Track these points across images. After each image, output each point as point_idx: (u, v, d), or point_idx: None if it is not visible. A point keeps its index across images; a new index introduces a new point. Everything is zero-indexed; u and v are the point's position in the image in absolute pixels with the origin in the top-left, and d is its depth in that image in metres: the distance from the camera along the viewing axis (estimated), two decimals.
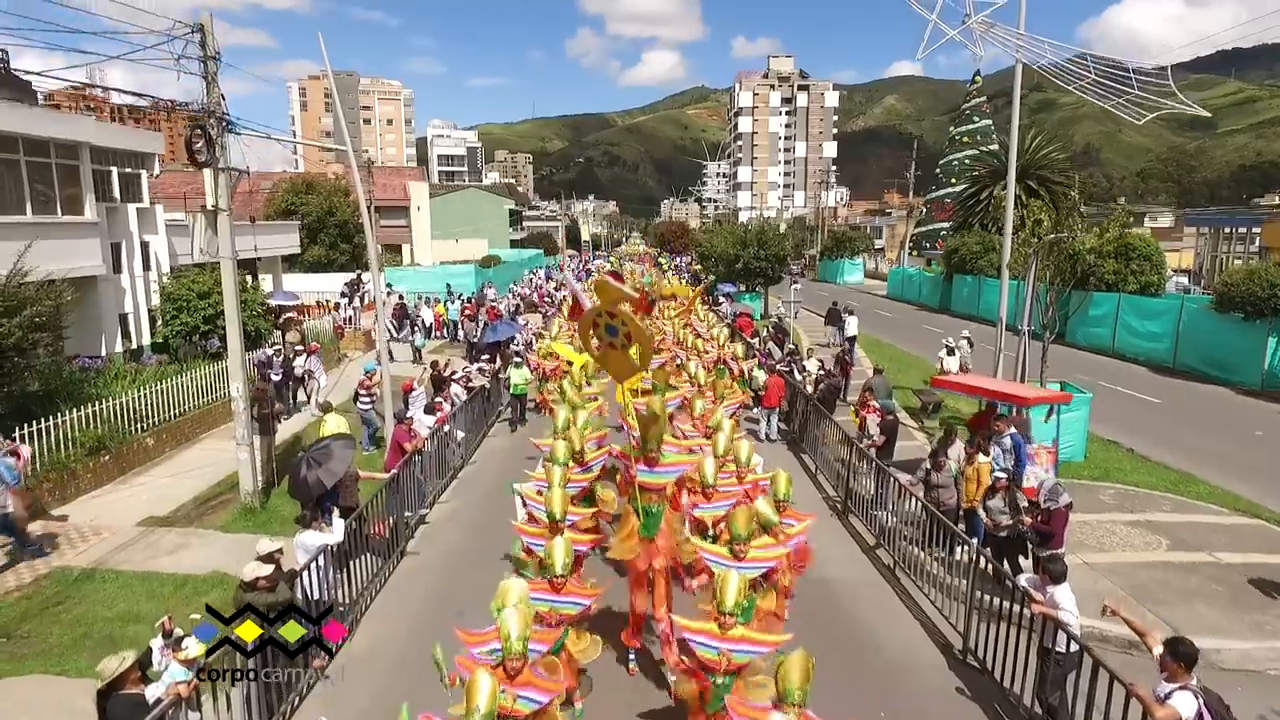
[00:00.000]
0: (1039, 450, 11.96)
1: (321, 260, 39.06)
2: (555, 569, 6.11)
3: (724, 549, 6.41)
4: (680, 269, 59.32)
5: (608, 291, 6.61)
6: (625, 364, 6.82)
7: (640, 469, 7.32)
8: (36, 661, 7.92)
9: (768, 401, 15.15)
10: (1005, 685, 7.28)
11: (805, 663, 4.69)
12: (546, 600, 6.21)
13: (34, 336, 11.38)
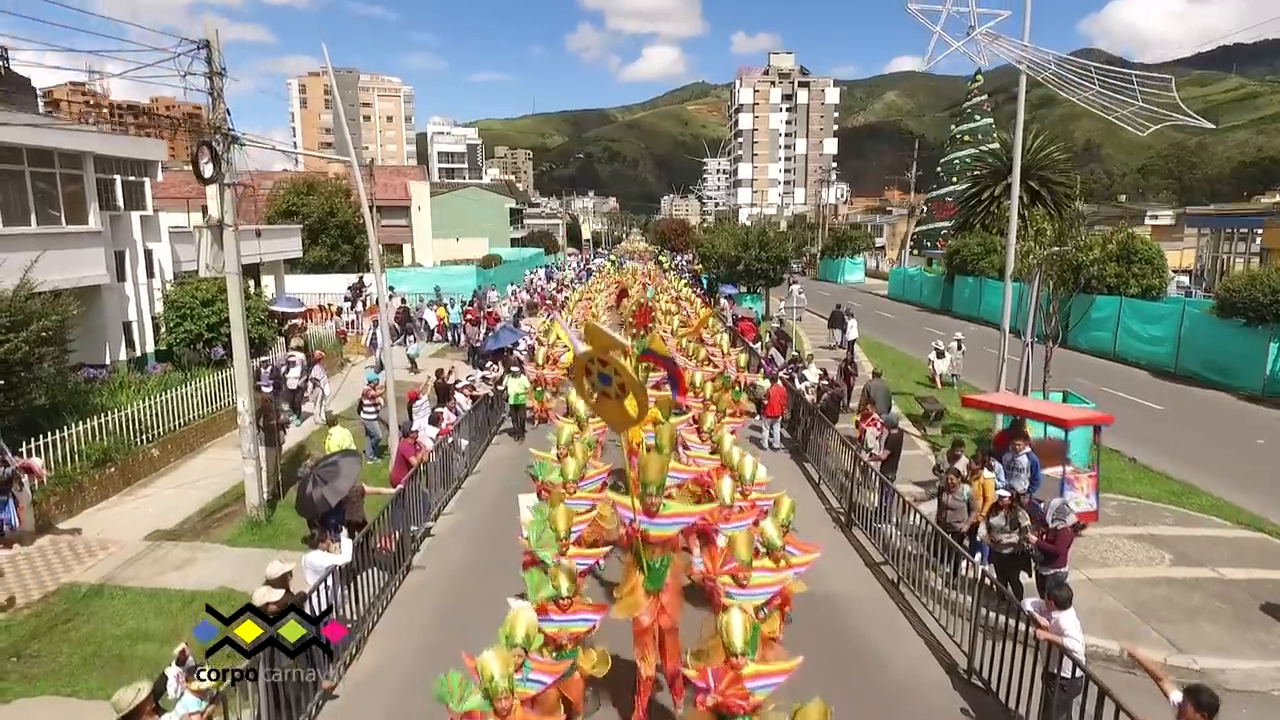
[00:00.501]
0: (1078, 475, 11.33)
1: (323, 261, 39.00)
2: (561, 590, 6.15)
3: (727, 577, 6.42)
4: (680, 268, 59.35)
5: (598, 338, 6.15)
6: (620, 414, 6.36)
7: (641, 520, 6.85)
8: (47, 682, 7.97)
9: (770, 411, 15.20)
10: (1010, 707, 7.33)
11: (824, 714, 4.69)
12: (555, 621, 6.26)
13: (40, 351, 11.41)
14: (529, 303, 32.63)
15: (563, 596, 6.12)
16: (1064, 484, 10.88)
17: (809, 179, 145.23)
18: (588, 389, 6.37)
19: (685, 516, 7.19)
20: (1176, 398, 20.52)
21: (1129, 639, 8.63)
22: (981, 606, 7.89)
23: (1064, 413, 11.75)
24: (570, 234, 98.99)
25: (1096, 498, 11.33)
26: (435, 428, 13.29)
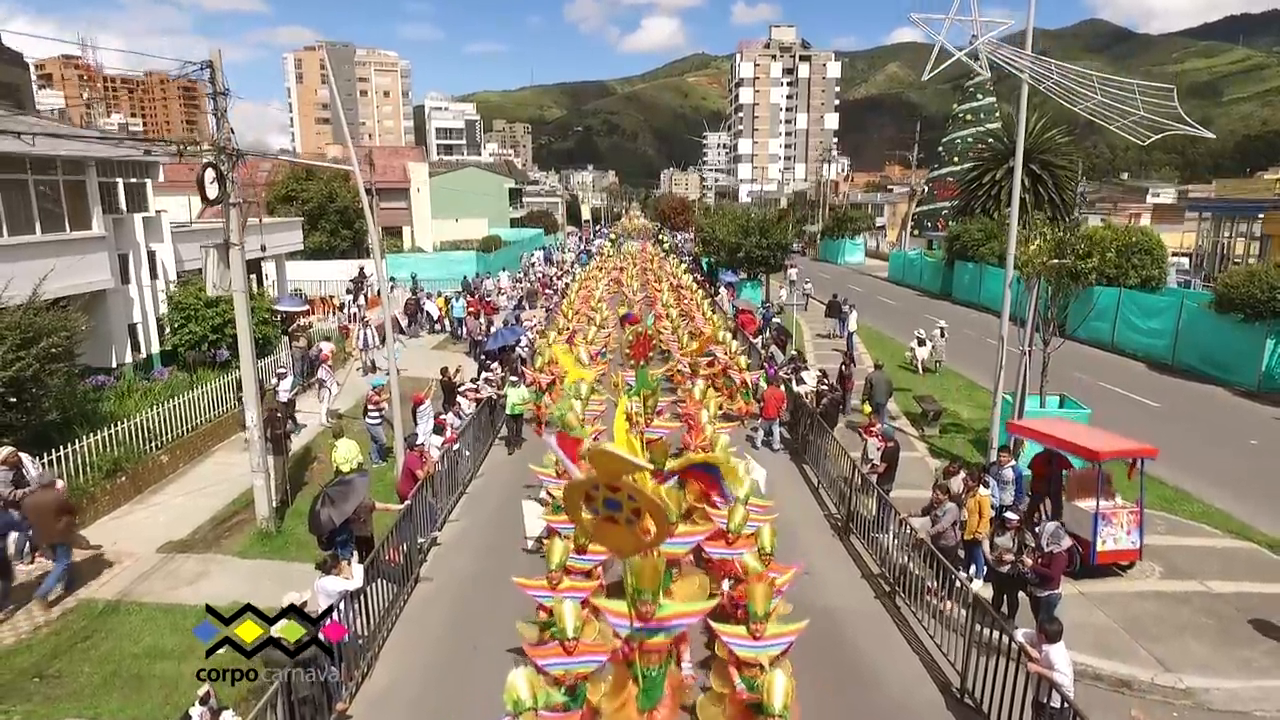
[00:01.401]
0: (1117, 510, 10.27)
1: (323, 247, 38.96)
2: (566, 632, 6.34)
3: (741, 628, 6.55)
4: (680, 249, 59.24)
5: (609, 463, 5.30)
6: (630, 540, 5.56)
7: (636, 626, 6.39)
8: (70, 703, 8.21)
9: (767, 413, 15.39)
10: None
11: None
12: (559, 664, 6.46)
13: (51, 367, 11.55)
14: (528, 291, 32.40)
15: (569, 638, 6.32)
16: (1097, 519, 10.02)
17: (809, 154, 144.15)
18: (586, 518, 5.55)
19: (685, 617, 6.68)
20: (1173, 394, 20.70)
21: (1119, 657, 8.93)
22: (976, 623, 8.09)
23: (1096, 443, 10.56)
24: (570, 212, 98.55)
25: (1140, 534, 10.36)
26: (440, 436, 13.45)
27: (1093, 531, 9.90)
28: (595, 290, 29.76)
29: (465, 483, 14.50)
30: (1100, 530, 9.91)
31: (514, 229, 65.35)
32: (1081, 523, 10.24)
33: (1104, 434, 11.31)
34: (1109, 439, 10.89)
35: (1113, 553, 10.10)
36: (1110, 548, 9.99)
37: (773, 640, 6.44)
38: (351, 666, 8.50)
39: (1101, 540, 9.96)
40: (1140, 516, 10.38)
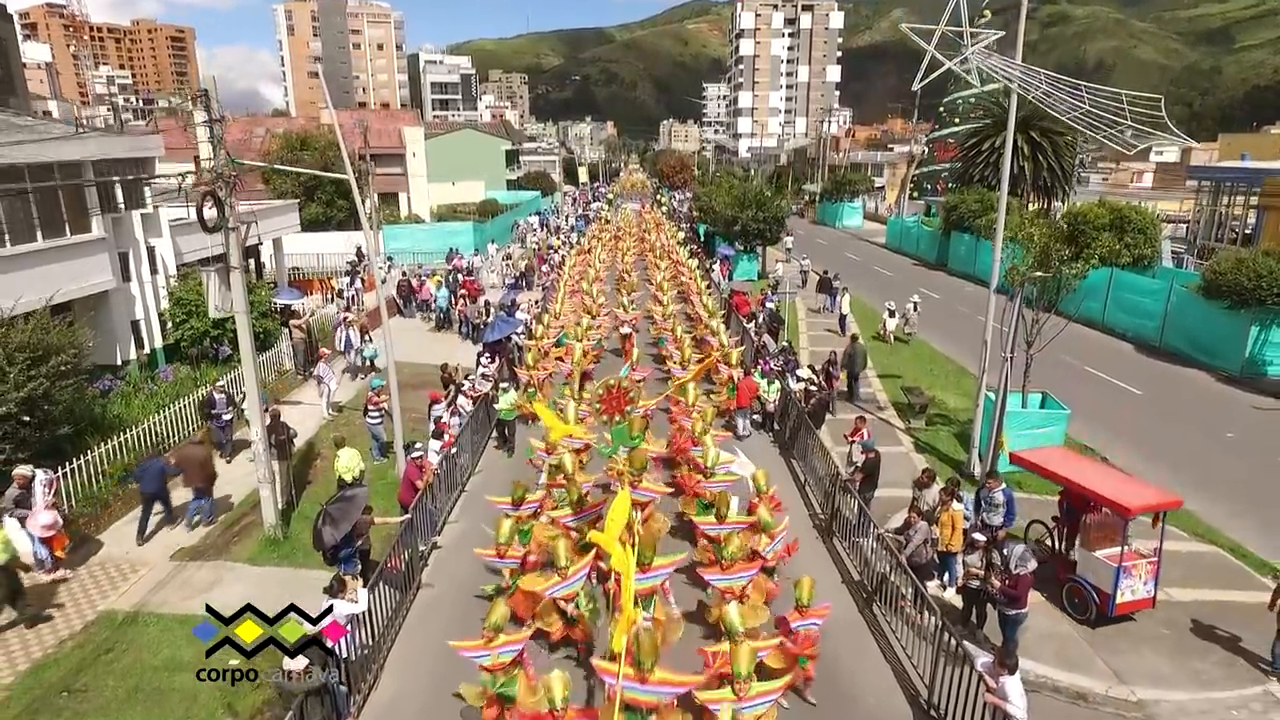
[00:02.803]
0: (1138, 564, 9.95)
1: (319, 218, 38.92)
2: (556, 703, 6.77)
3: (728, 691, 6.91)
4: (678, 214, 58.97)
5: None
6: None
7: (626, 685, 6.69)
8: (97, 718, 8.81)
9: (739, 402, 15.91)
10: None
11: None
12: None
13: (61, 384, 11.92)
14: (526, 268, 32.08)
15: (557, 709, 6.78)
16: (1120, 571, 9.75)
17: (810, 108, 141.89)
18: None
19: (672, 687, 7.00)
20: (1156, 380, 21.10)
21: (1078, 669, 9.51)
22: (945, 633, 8.55)
23: (1123, 496, 9.89)
24: (567, 170, 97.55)
25: (1155, 585, 10.16)
26: (439, 441, 13.87)
27: (1114, 585, 9.75)
28: (590, 267, 29.74)
29: (464, 481, 14.99)
30: (1120, 583, 9.76)
31: (511, 191, 64.95)
32: (1101, 574, 9.99)
33: (1131, 483, 10.83)
34: (1138, 490, 10.37)
35: (1130, 603, 9.97)
36: (1128, 599, 9.89)
37: (758, 699, 6.90)
38: (357, 679, 9.07)
39: (1121, 593, 9.82)
40: (1158, 567, 10.15)
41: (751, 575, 9.52)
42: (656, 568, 8.51)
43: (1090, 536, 10.41)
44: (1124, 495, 9.90)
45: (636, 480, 10.39)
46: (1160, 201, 49.64)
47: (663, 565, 8.69)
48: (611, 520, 7.83)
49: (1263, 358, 20.66)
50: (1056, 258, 13.42)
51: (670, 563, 8.75)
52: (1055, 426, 14.97)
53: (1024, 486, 14.33)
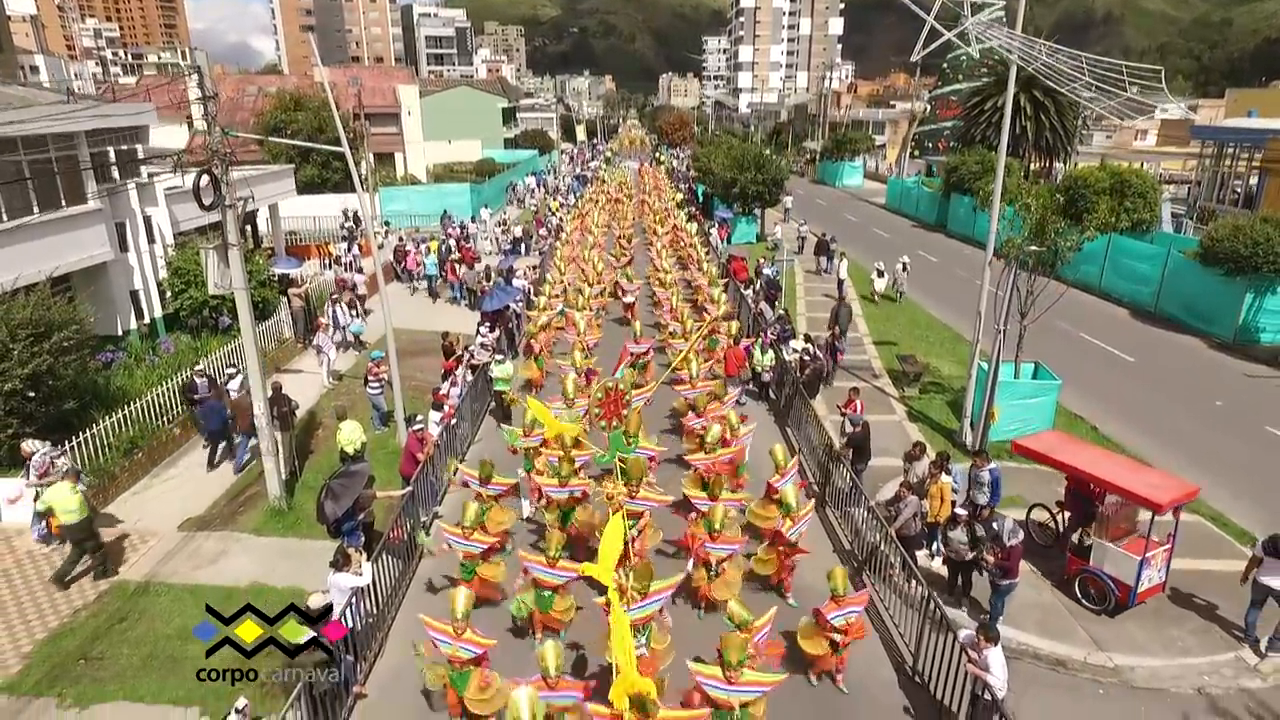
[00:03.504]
0: (1155, 552, 9.96)
1: (315, 180, 38.55)
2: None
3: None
4: (678, 174, 58.42)
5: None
6: None
7: None
8: (115, 685, 9.13)
9: (727, 370, 16.11)
10: (944, 703, 8.50)
11: None
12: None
13: (65, 359, 12.07)
14: (517, 238, 31.60)
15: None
16: (1143, 564, 9.75)
17: (811, 62, 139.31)
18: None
19: None
20: (1149, 346, 21.26)
21: (1059, 637, 9.86)
22: (930, 604, 8.82)
23: (1148, 490, 9.73)
24: (565, 127, 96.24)
25: (1167, 570, 10.29)
26: (439, 412, 14.07)
27: (1136, 577, 9.79)
28: (589, 233, 29.59)
29: (464, 450, 15.23)
30: (1142, 573, 9.81)
31: (508, 150, 64.22)
32: (1123, 567, 9.96)
33: (1146, 473, 10.67)
34: (1157, 481, 10.18)
35: (1147, 591, 10.07)
36: (1145, 587, 9.97)
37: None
38: (363, 647, 9.41)
39: (1141, 583, 9.88)
40: (1170, 556, 10.21)
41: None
42: (654, 593, 7.95)
43: (1107, 528, 10.30)
44: (1151, 490, 9.75)
45: (634, 490, 9.86)
46: (1163, 161, 49.25)
47: (660, 590, 8.06)
48: (605, 551, 7.58)
49: (1256, 325, 20.80)
50: (1052, 229, 13.44)
51: (668, 586, 8.16)
52: (1046, 397, 15.18)
53: (1014, 456, 14.61)
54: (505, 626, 9.81)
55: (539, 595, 9.06)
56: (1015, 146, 37.09)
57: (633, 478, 10.08)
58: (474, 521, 9.93)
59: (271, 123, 38.66)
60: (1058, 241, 13.97)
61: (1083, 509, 10.90)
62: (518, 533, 12.00)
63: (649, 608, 7.79)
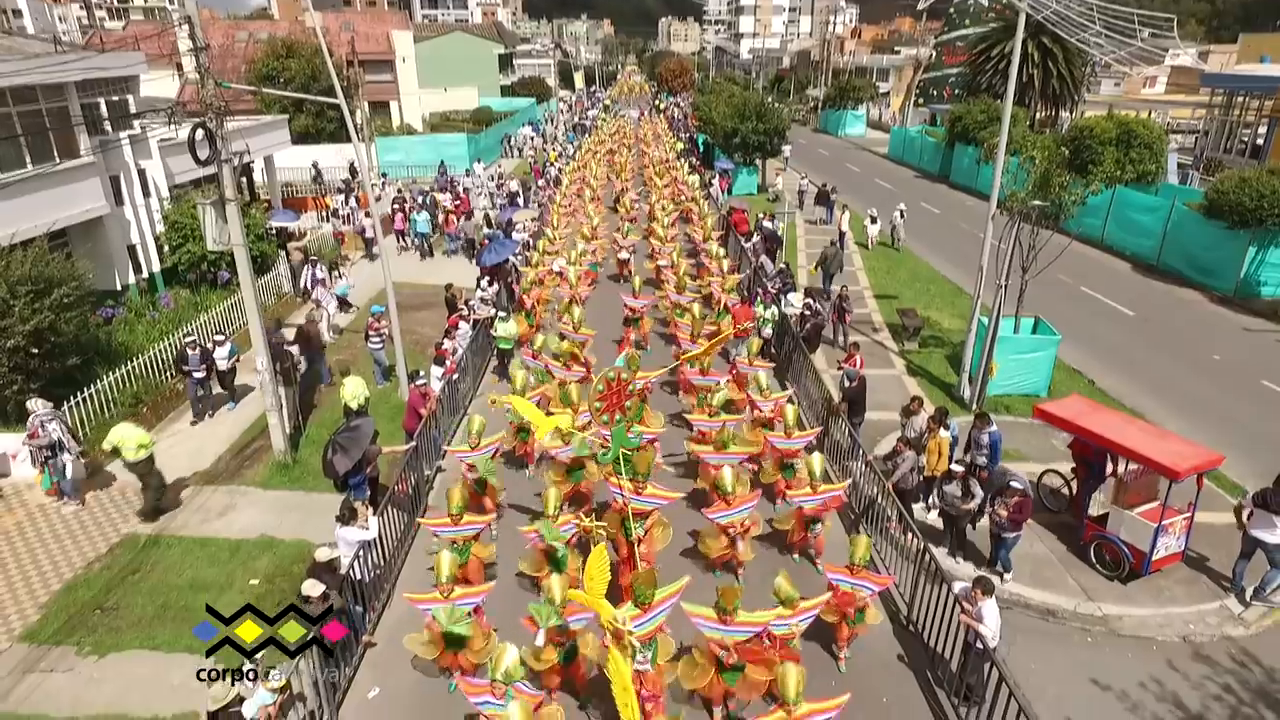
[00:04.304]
0: (1174, 520, 9.83)
1: (309, 130, 37.95)
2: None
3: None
4: (677, 124, 57.47)
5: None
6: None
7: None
8: (131, 634, 9.39)
9: (736, 333, 15.93)
10: (938, 651, 8.75)
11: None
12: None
13: (65, 316, 12.07)
14: (513, 193, 31.13)
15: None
16: (1159, 530, 9.66)
17: (815, 5, 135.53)
18: None
19: None
20: (1150, 300, 21.25)
21: (1050, 587, 10.10)
22: (925, 557, 9.00)
23: (1164, 456, 9.51)
24: (563, 74, 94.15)
25: (1187, 539, 10.17)
26: (440, 367, 14.13)
27: (1151, 544, 9.72)
28: (587, 186, 29.22)
29: (465, 404, 15.34)
30: (1158, 540, 9.73)
31: (505, 98, 63.03)
32: (1138, 534, 9.90)
33: (1168, 440, 10.30)
34: (1179, 449, 9.88)
35: (1162, 559, 9.99)
36: (1161, 555, 9.89)
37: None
38: (371, 599, 9.64)
39: (1157, 551, 9.80)
40: (1190, 524, 10.06)
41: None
42: (659, 603, 7.08)
43: (1125, 494, 10.23)
44: (1170, 457, 9.50)
45: (640, 487, 8.88)
46: (1171, 110, 48.40)
47: (666, 598, 7.16)
48: (592, 580, 6.88)
49: (1257, 278, 20.76)
50: (1056, 183, 13.31)
51: (673, 593, 7.23)
52: (1046, 352, 15.24)
53: (1012, 410, 14.76)
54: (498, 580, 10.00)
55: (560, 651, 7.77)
56: (1021, 95, 36.42)
57: (640, 473, 9.19)
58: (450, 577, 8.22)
59: (263, 71, 37.88)
60: (1062, 195, 13.85)
61: (1097, 474, 10.85)
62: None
63: (653, 621, 6.97)
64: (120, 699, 8.38)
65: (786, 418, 10.91)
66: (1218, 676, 8.85)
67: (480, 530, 9.61)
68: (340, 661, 8.53)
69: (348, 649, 8.72)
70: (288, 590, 9.99)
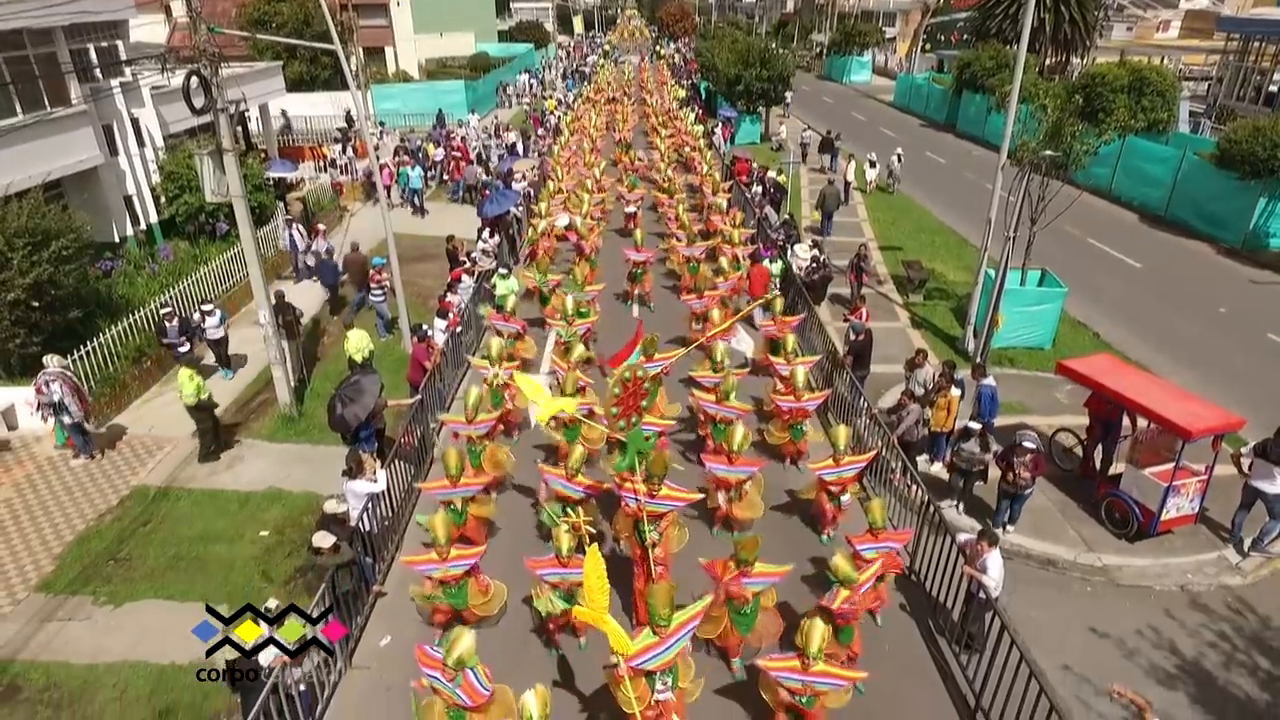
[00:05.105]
0: (1186, 482, 9.72)
1: (303, 77, 37.11)
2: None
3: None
4: (679, 70, 56.20)
5: None
6: None
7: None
8: (145, 584, 9.55)
9: (753, 292, 15.70)
10: (940, 600, 8.89)
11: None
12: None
13: (65, 269, 11.96)
14: (511, 143, 30.53)
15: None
16: (1169, 490, 9.61)
17: None
18: None
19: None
20: (1157, 252, 21.06)
21: (1050, 538, 10.22)
22: (929, 508, 9.07)
23: (1190, 419, 9.33)
24: (562, 18, 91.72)
25: (1201, 501, 10.07)
26: (444, 320, 14.07)
27: (1160, 503, 9.69)
28: (587, 137, 28.64)
29: (469, 355, 15.29)
30: (1168, 501, 9.69)
31: (503, 44, 61.53)
32: (1148, 492, 9.86)
33: (1188, 401, 10.07)
34: (1197, 410, 9.70)
35: (1174, 520, 9.92)
36: (1172, 516, 9.82)
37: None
38: (380, 549, 9.76)
39: (1166, 510, 9.75)
40: (1206, 486, 9.93)
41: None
42: (677, 628, 6.28)
43: (1140, 453, 10.17)
44: (1185, 417, 9.37)
45: (655, 489, 7.96)
46: (1185, 55, 47.34)
47: (685, 621, 6.39)
48: (592, 592, 6.19)
49: (1266, 230, 20.55)
50: (1068, 132, 13.06)
51: (694, 615, 6.50)
52: (1052, 304, 15.17)
53: (1016, 363, 14.76)
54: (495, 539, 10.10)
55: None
56: (1032, 40, 35.49)
57: (655, 475, 8.27)
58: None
59: (255, 15, 36.88)
60: (1074, 145, 13.61)
61: (1113, 434, 10.80)
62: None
63: (673, 649, 6.18)
64: (137, 647, 8.56)
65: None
66: (1213, 624, 9.03)
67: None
68: (353, 611, 8.68)
69: (359, 599, 8.86)
70: (298, 541, 10.16)
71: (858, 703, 7.07)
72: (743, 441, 9.45)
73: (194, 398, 11.54)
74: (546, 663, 7.85)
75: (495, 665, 6.59)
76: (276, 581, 9.65)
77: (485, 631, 7.83)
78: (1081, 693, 8.13)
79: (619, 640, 6.00)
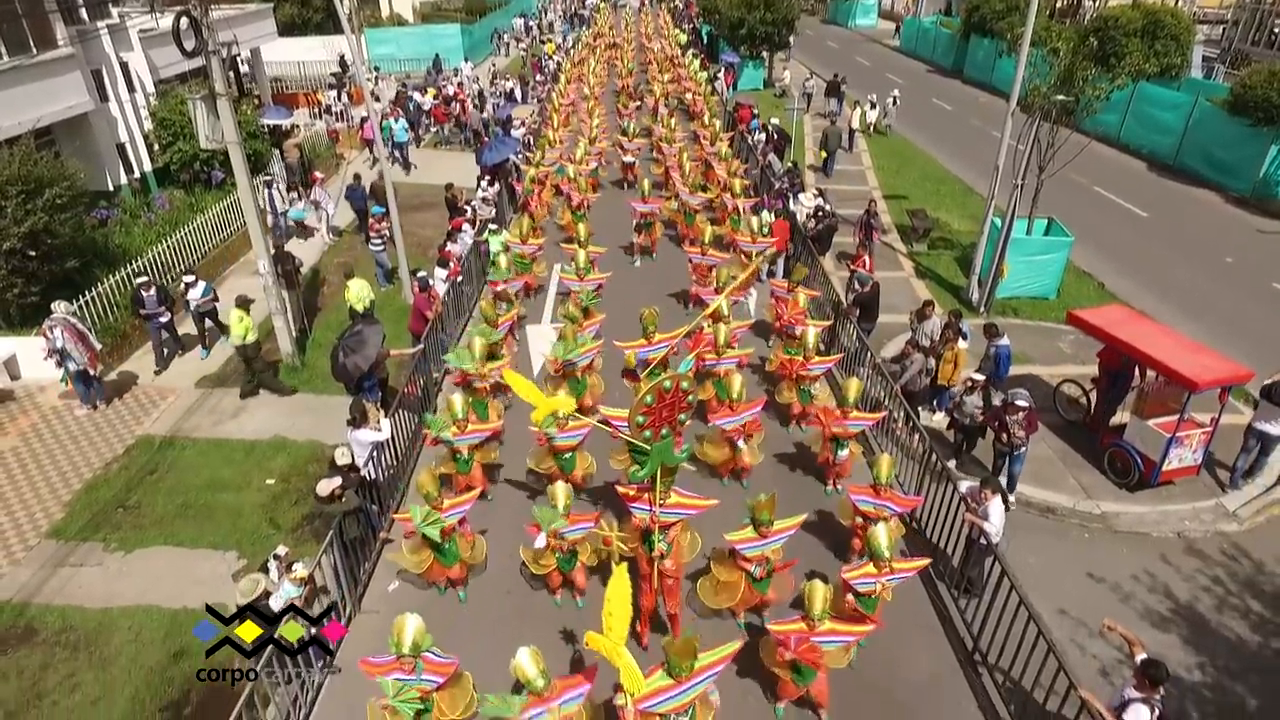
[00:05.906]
0: (1189, 433, 9.73)
1: (294, 21, 36.16)
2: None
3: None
4: (679, 14, 54.73)
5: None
6: None
7: None
8: (154, 531, 9.67)
9: (778, 247, 15.24)
10: (941, 547, 9.02)
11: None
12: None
13: (59, 217, 11.80)
14: (509, 90, 29.75)
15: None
16: (1172, 441, 9.62)
17: None
18: None
19: None
20: (1165, 201, 20.81)
21: (1050, 486, 10.32)
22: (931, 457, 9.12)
23: (1186, 368, 9.35)
24: None
25: (1204, 453, 10.04)
26: (444, 269, 13.95)
27: (1162, 453, 9.70)
28: (585, 84, 27.93)
29: (470, 307, 15.22)
30: (1170, 452, 9.70)
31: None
32: (1150, 443, 9.88)
33: (1198, 353, 9.97)
34: (1206, 362, 9.63)
35: (1175, 470, 9.96)
36: (1174, 466, 9.85)
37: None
38: (386, 498, 9.85)
39: (1169, 461, 9.77)
40: (1209, 438, 9.89)
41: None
42: (700, 671, 5.69)
43: (1146, 404, 10.16)
44: (1192, 368, 9.35)
45: (665, 497, 6.95)
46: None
47: (709, 665, 5.78)
48: (611, 618, 5.66)
49: (1276, 179, 20.26)
50: (1081, 76, 12.76)
51: (721, 659, 5.82)
52: (1057, 254, 15.05)
53: (1020, 313, 14.71)
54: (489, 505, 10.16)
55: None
56: None
57: (665, 485, 7.17)
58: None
59: None
60: (1086, 90, 13.31)
61: (1121, 385, 10.76)
62: None
63: (690, 692, 5.64)
64: (149, 592, 8.70)
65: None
66: (1208, 569, 9.17)
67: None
68: (360, 557, 8.80)
69: (367, 545, 8.97)
70: (304, 489, 10.25)
71: None
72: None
73: (241, 339, 11.90)
74: (544, 619, 7.83)
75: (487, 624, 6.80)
76: (284, 529, 9.76)
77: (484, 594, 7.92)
78: (1077, 635, 8.29)
79: (631, 678, 5.46)
